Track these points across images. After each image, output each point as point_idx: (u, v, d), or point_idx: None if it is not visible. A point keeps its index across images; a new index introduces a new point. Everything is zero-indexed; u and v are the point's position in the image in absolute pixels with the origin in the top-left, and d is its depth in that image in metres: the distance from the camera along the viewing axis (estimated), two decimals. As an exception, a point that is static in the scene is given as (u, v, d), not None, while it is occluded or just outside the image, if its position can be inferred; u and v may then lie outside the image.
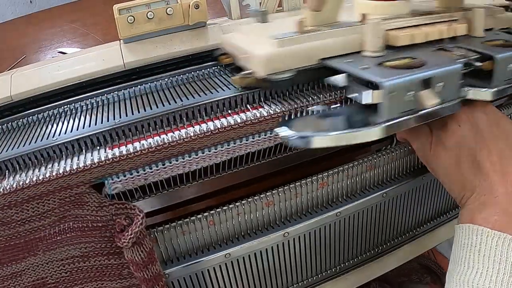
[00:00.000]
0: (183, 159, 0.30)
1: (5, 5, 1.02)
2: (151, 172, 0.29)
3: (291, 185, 0.35)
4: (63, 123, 0.31)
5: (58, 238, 0.29)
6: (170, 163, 0.30)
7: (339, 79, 0.28)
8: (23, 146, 0.29)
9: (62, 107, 0.34)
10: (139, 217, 0.29)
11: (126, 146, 0.28)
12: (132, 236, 0.28)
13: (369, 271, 0.43)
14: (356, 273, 0.43)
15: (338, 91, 0.32)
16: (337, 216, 0.37)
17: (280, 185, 0.35)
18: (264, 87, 0.32)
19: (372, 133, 0.25)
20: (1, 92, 0.34)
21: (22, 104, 0.34)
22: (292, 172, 0.41)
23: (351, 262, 0.42)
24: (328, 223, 0.37)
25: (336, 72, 0.28)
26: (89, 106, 0.34)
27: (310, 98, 0.32)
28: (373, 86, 0.25)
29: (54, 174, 0.26)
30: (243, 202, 0.34)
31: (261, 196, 0.35)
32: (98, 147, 0.29)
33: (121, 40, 0.37)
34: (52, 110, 0.34)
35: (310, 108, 0.30)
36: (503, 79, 0.29)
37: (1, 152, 0.28)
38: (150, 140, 0.28)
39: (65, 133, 0.30)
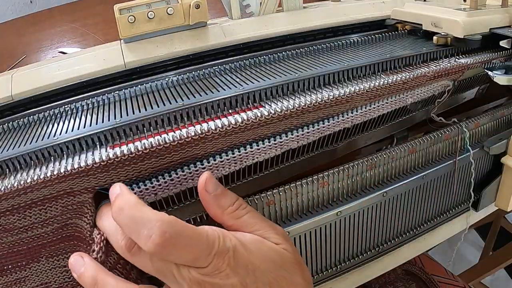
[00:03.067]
0: (189, 169, 0.29)
1: (5, 5, 1.02)
2: (159, 185, 0.29)
3: (291, 185, 0.35)
4: (63, 123, 0.31)
5: (61, 245, 0.29)
6: (177, 173, 0.29)
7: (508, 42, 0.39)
8: (24, 145, 0.29)
9: (63, 107, 0.34)
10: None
11: (127, 145, 0.28)
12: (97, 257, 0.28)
13: (369, 271, 0.43)
14: (356, 273, 0.43)
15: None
16: (338, 215, 0.37)
17: (280, 185, 0.35)
18: (458, 46, 0.40)
19: None
20: (2, 91, 0.34)
21: (22, 103, 0.34)
22: (292, 172, 0.41)
23: (351, 261, 0.42)
24: (329, 223, 0.37)
25: (503, 38, 0.38)
26: (90, 106, 0.34)
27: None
28: None
29: (55, 173, 0.26)
30: (243, 201, 0.34)
31: (262, 195, 0.35)
32: (99, 147, 0.29)
33: (122, 40, 0.37)
34: (52, 110, 0.34)
35: None
36: None
37: (2, 151, 0.28)
38: (151, 139, 0.28)
39: (66, 132, 0.29)
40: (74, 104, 0.34)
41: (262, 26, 0.40)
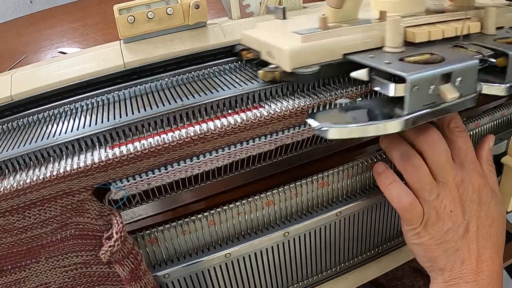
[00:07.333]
0: (185, 163, 0.30)
1: (5, 5, 1.02)
2: (154, 177, 0.29)
3: (291, 185, 0.35)
4: (63, 123, 0.31)
5: (60, 245, 0.29)
6: (172, 167, 0.30)
7: (363, 73, 0.30)
8: (23, 146, 0.29)
9: (63, 107, 0.34)
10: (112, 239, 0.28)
11: (126, 146, 0.28)
12: (104, 254, 0.28)
13: (369, 271, 0.43)
14: (356, 273, 0.43)
15: (363, 85, 0.33)
16: (337, 216, 0.37)
17: (280, 185, 0.35)
18: (289, 81, 0.32)
19: (395, 125, 0.26)
20: (2, 92, 0.34)
21: (22, 104, 0.34)
22: (292, 173, 0.41)
23: (351, 262, 0.42)
24: (328, 223, 0.37)
25: (359, 66, 0.30)
26: (89, 106, 0.34)
27: (336, 91, 0.33)
28: (396, 80, 0.27)
29: (54, 174, 0.26)
30: (243, 201, 0.34)
31: (261, 195, 0.35)
32: (98, 147, 0.29)
33: (121, 40, 0.37)
34: (52, 110, 0.34)
35: (337, 101, 0.31)
36: (516, 75, 0.30)
37: (1, 152, 0.28)
38: (150, 139, 0.28)
39: (65, 133, 0.30)
40: (73, 104, 0.34)
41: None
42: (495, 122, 0.46)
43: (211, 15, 0.39)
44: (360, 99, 0.32)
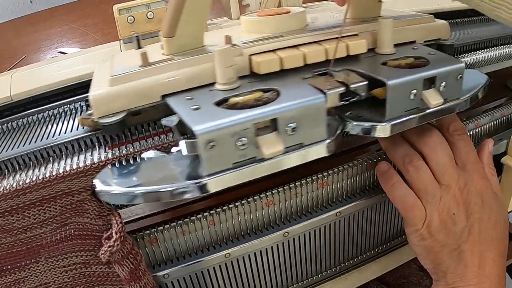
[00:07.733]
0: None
1: (5, 5, 1.02)
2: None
3: (291, 185, 0.35)
4: (63, 123, 0.31)
5: (59, 245, 0.29)
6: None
7: (172, 121, 0.23)
8: (23, 146, 0.29)
9: (62, 107, 0.34)
10: (111, 239, 0.28)
11: (126, 146, 0.28)
12: (104, 254, 0.28)
13: (369, 271, 0.43)
14: (356, 273, 0.43)
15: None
16: (337, 216, 0.37)
17: (280, 185, 0.35)
18: (100, 130, 0.27)
19: (188, 191, 0.21)
20: (1, 92, 0.34)
21: (22, 104, 0.34)
22: (291, 173, 0.41)
23: (351, 262, 0.42)
24: (328, 223, 0.37)
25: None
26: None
27: (152, 140, 0.28)
28: None
29: (54, 174, 0.26)
30: (243, 202, 0.34)
31: (261, 196, 0.35)
32: (98, 147, 0.29)
33: (121, 40, 0.37)
34: (52, 110, 0.34)
35: (143, 154, 0.26)
36: (403, 109, 0.24)
37: (1, 152, 0.28)
38: (149, 140, 0.28)
39: (65, 133, 0.30)
40: (73, 104, 0.34)
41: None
42: (495, 122, 0.46)
43: (211, 15, 0.39)
44: (177, 149, 0.26)
